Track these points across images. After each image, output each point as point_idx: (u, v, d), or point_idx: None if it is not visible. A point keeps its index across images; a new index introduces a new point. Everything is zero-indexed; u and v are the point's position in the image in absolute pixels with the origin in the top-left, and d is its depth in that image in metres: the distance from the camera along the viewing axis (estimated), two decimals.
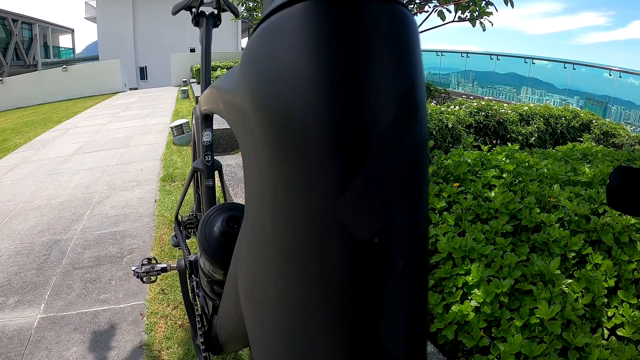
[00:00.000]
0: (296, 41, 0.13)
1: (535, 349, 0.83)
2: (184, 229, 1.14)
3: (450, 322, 0.94)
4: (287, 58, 0.13)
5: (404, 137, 0.13)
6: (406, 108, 0.13)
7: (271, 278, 0.15)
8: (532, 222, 1.16)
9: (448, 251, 1.07)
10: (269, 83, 0.14)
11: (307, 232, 0.13)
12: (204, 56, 0.81)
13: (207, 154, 0.76)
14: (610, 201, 0.23)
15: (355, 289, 0.12)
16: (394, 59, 0.13)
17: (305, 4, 0.12)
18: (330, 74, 0.12)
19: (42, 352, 1.33)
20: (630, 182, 0.20)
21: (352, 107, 0.12)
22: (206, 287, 0.56)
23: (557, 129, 3.42)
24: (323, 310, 0.13)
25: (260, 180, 0.16)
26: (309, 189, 0.13)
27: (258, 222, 0.17)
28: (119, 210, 2.40)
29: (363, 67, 0.12)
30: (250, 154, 0.16)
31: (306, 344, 0.14)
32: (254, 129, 0.15)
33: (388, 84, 0.13)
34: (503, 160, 1.55)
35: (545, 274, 0.99)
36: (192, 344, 1.25)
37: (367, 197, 0.12)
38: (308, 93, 0.12)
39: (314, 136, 0.12)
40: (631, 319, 1.00)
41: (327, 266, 0.13)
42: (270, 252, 0.15)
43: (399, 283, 0.13)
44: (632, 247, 1.19)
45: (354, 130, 0.12)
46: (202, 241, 0.46)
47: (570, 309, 0.95)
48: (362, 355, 0.13)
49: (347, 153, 0.12)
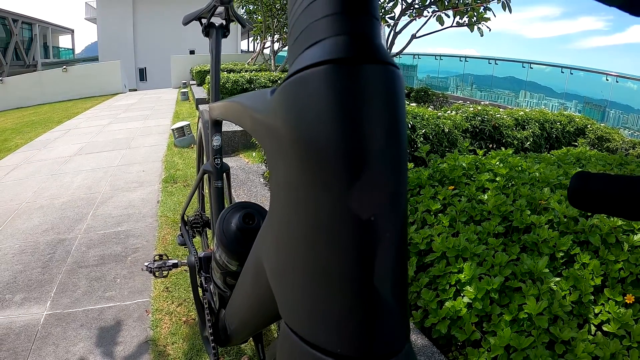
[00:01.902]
0: (318, 92, 0.19)
1: (523, 342, 0.88)
2: (189, 228, 1.19)
3: (443, 318, 0.99)
4: (313, 103, 0.19)
5: (390, 156, 0.19)
6: (392, 137, 0.19)
7: (299, 251, 0.22)
8: (523, 223, 1.22)
9: (442, 250, 1.12)
10: (300, 119, 0.20)
11: (327, 216, 0.19)
12: (214, 66, 0.86)
13: (216, 157, 0.81)
14: (570, 201, 0.29)
15: (359, 250, 0.19)
16: (386, 106, 0.19)
17: (325, 67, 0.19)
18: (342, 116, 0.18)
19: (49, 348, 1.36)
20: (586, 185, 0.25)
21: (357, 138, 0.19)
22: (219, 280, 0.61)
23: (553, 134, 3.49)
24: (338, 267, 0.19)
25: (288, 182, 0.22)
26: (327, 188, 0.19)
27: (285, 214, 0.23)
28: (122, 211, 2.45)
29: (364, 111, 0.19)
30: (279, 162, 0.22)
31: (325, 293, 0.20)
32: (287, 148, 0.21)
33: (381, 123, 0.19)
34: (497, 164, 1.61)
35: (534, 272, 1.05)
36: (196, 340, 1.30)
37: (366, 193, 0.19)
38: (327, 129, 0.19)
39: (330, 156, 0.19)
40: (617, 315, 1.05)
41: (341, 237, 0.19)
42: (298, 234, 0.21)
43: (387, 246, 0.19)
44: (619, 248, 1.24)
45: (357, 153, 0.19)
46: (220, 236, 0.51)
47: (557, 305, 1.00)
48: (364, 296, 0.19)
49: (353, 167, 0.19)
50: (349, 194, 0.19)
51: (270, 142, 0.24)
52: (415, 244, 1.21)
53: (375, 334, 0.19)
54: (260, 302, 0.33)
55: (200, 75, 8.57)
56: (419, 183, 1.55)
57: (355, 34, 0.19)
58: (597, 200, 0.25)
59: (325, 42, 0.19)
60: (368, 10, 0.19)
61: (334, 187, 0.19)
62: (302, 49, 0.20)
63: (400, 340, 0.20)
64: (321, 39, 0.19)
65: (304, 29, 0.20)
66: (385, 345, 0.20)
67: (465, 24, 6.02)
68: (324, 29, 0.19)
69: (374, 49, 0.19)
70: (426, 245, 1.20)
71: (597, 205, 0.25)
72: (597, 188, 0.25)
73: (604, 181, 0.26)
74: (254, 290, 0.34)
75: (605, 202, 0.25)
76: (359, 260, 0.19)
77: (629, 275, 1.14)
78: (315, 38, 0.19)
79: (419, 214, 1.37)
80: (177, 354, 1.24)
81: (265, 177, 2.25)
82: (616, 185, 0.25)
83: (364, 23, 0.19)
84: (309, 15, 0.20)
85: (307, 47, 0.20)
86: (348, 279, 0.19)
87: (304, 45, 0.20)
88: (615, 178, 0.25)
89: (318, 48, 0.19)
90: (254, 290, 0.34)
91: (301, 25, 0.20)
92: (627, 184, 0.25)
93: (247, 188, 2.14)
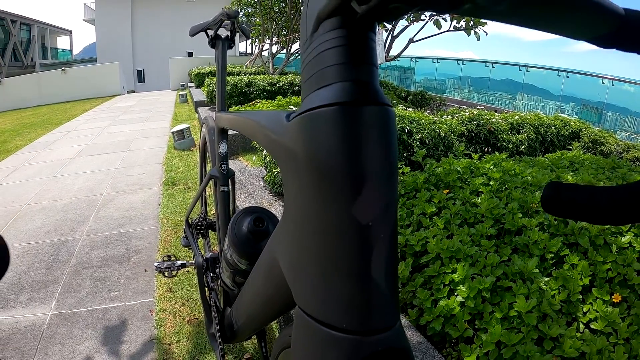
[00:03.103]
0: (330, 127, 0.24)
1: (513, 338, 0.93)
2: (194, 231, 1.24)
3: (438, 316, 1.04)
4: (325, 135, 0.25)
5: (383, 176, 0.25)
6: (386, 161, 0.25)
7: (312, 249, 0.27)
8: (515, 225, 1.27)
9: (437, 252, 1.17)
10: (315, 146, 0.25)
11: (335, 221, 0.25)
12: (220, 75, 0.91)
13: (222, 163, 0.86)
14: (543, 207, 0.34)
15: (360, 248, 0.24)
16: (381, 138, 0.24)
17: (334, 108, 0.24)
18: (347, 146, 0.24)
19: (55, 347, 1.39)
20: (557, 194, 0.30)
21: (359, 163, 0.24)
22: (227, 279, 0.66)
23: (547, 137, 3.54)
24: (344, 262, 0.25)
25: (303, 193, 0.27)
26: (336, 200, 0.25)
27: (300, 219, 0.28)
28: (123, 213, 2.48)
29: (364, 142, 0.24)
30: (294, 177, 0.28)
31: (333, 281, 0.25)
32: (302, 167, 0.26)
33: (377, 151, 0.24)
34: (491, 168, 1.66)
35: (524, 273, 1.09)
36: (199, 338, 1.34)
37: (365, 204, 0.24)
38: (336, 155, 0.24)
39: (338, 176, 0.24)
40: (604, 313, 1.10)
41: (346, 238, 0.25)
42: (311, 235, 0.27)
43: (382, 245, 0.25)
44: (607, 249, 1.29)
45: (359, 174, 0.24)
46: (232, 237, 0.56)
47: (546, 304, 1.05)
48: (364, 284, 0.24)
49: (356, 184, 0.24)
50: (352, 205, 0.24)
51: (286, 160, 0.29)
52: (411, 246, 1.26)
53: (373, 312, 0.25)
54: (271, 295, 0.38)
55: (198, 78, 8.60)
56: (415, 187, 1.60)
57: (358, 81, 0.24)
58: (566, 207, 0.30)
59: (335, 86, 0.24)
60: (369, 60, 0.24)
61: (341, 199, 0.24)
62: (315, 88, 0.25)
63: (393, 318, 0.26)
64: (331, 83, 0.24)
65: (316, 72, 0.25)
66: (381, 321, 0.25)
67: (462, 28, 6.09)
68: (333, 75, 0.24)
69: (372, 93, 0.24)
70: (421, 247, 1.24)
71: (566, 211, 0.30)
72: (566, 196, 0.30)
73: (572, 190, 0.31)
74: (265, 284, 0.39)
75: (573, 208, 0.30)
76: (360, 256, 0.24)
77: (617, 276, 1.19)
78: (326, 81, 0.25)
79: (414, 216, 1.42)
80: (181, 352, 1.28)
81: (265, 180, 2.30)
82: (582, 195, 0.30)
83: (365, 71, 0.24)
84: (320, 62, 0.25)
85: (319, 88, 0.25)
86: (352, 271, 0.25)
87: (316, 85, 0.25)
88: (582, 188, 0.30)
89: (329, 91, 0.24)
90: (265, 284, 0.39)
91: (313, 69, 0.25)
92: (591, 194, 0.29)
93: (247, 191, 2.18)
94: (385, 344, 0.25)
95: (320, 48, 0.24)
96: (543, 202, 0.31)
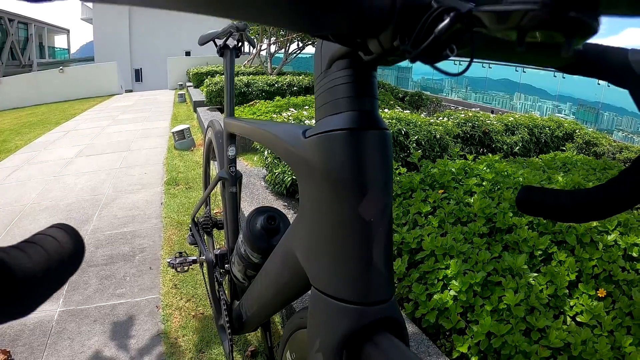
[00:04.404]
0: (341, 146, 0.31)
1: (502, 329, 0.99)
2: (200, 229, 1.29)
3: (432, 309, 1.10)
4: (337, 152, 0.31)
5: (381, 184, 0.31)
6: (383, 172, 0.31)
7: (325, 240, 0.34)
8: (505, 224, 1.33)
9: (431, 249, 1.24)
10: (329, 161, 0.32)
11: (345, 218, 0.31)
12: (229, 83, 0.97)
13: (231, 166, 0.92)
14: (517, 207, 0.40)
15: (364, 239, 0.31)
16: (380, 155, 0.31)
17: (344, 132, 0.31)
18: (354, 161, 0.30)
19: (64, 342, 1.44)
20: (529, 196, 0.36)
21: (363, 174, 0.30)
22: (239, 273, 0.72)
23: (542, 139, 3.62)
24: (351, 249, 0.31)
25: (317, 196, 0.34)
26: (345, 202, 0.31)
27: (315, 216, 0.35)
28: (126, 212, 2.53)
29: (367, 159, 0.30)
30: (310, 183, 0.34)
31: (342, 264, 0.32)
32: (318, 176, 0.33)
33: (377, 165, 0.30)
34: (484, 169, 1.73)
35: (513, 268, 1.16)
36: (205, 332, 1.40)
37: (367, 205, 0.31)
38: (346, 168, 0.31)
39: (347, 184, 0.31)
40: (589, 307, 1.16)
41: (353, 231, 0.31)
42: (325, 229, 0.33)
43: (380, 237, 0.31)
44: (594, 247, 1.35)
45: (363, 183, 0.31)
46: (247, 233, 0.62)
47: (534, 297, 1.12)
48: (367, 266, 0.31)
49: (361, 190, 0.31)
50: (358, 205, 0.31)
51: (303, 170, 0.35)
52: (407, 243, 1.32)
53: (374, 288, 0.32)
54: (287, 281, 0.45)
55: (197, 78, 8.64)
56: (411, 187, 1.66)
57: (362, 111, 0.31)
58: (536, 208, 0.36)
59: (345, 114, 0.31)
60: (371, 93, 0.31)
61: (349, 201, 0.31)
62: (329, 114, 0.32)
63: (389, 293, 0.33)
64: (342, 111, 0.31)
65: (330, 101, 0.32)
66: (380, 295, 0.32)
67: None
68: (344, 105, 0.31)
69: (373, 120, 0.31)
70: (417, 244, 1.31)
71: (536, 211, 0.36)
72: (536, 198, 0.36)
73: (541, 193, 0.37)
74: (282, 272, 0.45)
75: (542, 209, 0.36)
76: (364, 245, 0.31)
77: (602, 272, 1.25)
78: (338, 109, 0.31)
79: (410, 215, 1.48)
80: (188, 345, 1.34)
81: (266, 180, 2.35)
82: (549, 197, 0.36)
83: (367, 103, 0.31)
84: (333, 93, 0.31)
85: (332, 114, 0.32)
86: (357, 256, 0.31)
87: (330, 111, 0.32)
88: (549, 191, 0.37)
89: (340, 117, 0.31)
90: (282, 272, 0.45)
91: (327, 98, 0.32)
92: (556, 196, 0.36)
93: (249, 191, 2.24)
94: (383, 313, 0.32)
95: (333, 82, 0.31)
96: (517, 203, 0.37)
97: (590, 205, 0.33)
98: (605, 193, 0.32)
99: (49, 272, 0.20)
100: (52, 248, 0.21)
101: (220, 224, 1.27)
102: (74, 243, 0.24)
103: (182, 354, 1.31)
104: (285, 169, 2.03)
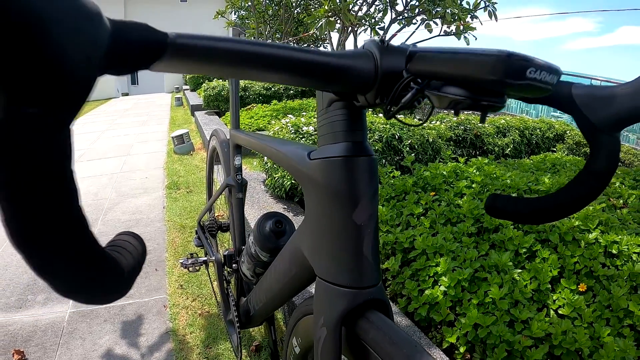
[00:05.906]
0: (339, 169, 0.40)
1: (487, 321, 1.08)
2: (206, 232, 1.38)
3: (424, 303, 1.19)
4: (337, 173, 0.40)
5: (369, 196, 0.40)
6: (371, 188, 0.40)
7: (327, 238, 0.43)
8: (492, 224, 1.43)
9: (423, 248, 1.33)
10: (330, 180, 0.41)
11: (342, 222, 0.40)
12: (234, 94, 1.05)
13: (237, 174, 1.00)
14: (486, 212, 0.48)
15: (357, 237, 0.40)
16: (369, 176, 0.40)
17: (342, 159, 0.40)
18: (350, 182, 0.40)
19: (76, 341, 1.51)
20: (494, 202, 0.45)
21: (356, 189, 0.40)
22: (248, 271, 0.80)
23: (533, 140, 3.73)
24: (347, 245, 0.41)
25: (320, 205, 0.43)
26: (343, 210, 0.40)
27: (319, 220, 0.43)
28: (130, 216, 2.60)
29: (359, 179, 0.40)
30: (315, 195, 0.43)
31: (340, 256, 0.41)
32: (321, 190, 0.42)
33: (367, 183, 0.40)
34: (474, 172, 1.82)
35: (499, 265, 1.25)
36: (212, 329, 1.47)
37: (360, 213, 0.40)
38: (343, 186, 0.40)
39: (345, 197, 0.40)
40: (571, 301, 1.25)
41: (347, 232, 0.40)
42: (327, 230, 0.42)
43: (369, 236, 0.40)
44: (575, 245, 1.44)
45: (357, 196, 0.40)
46: (257, 235, 0.71)
47: (518, 292, 1.21)
48: (359, 257, 0.40)
49: (355, 201, 0.40)
50: (352, 213, 0.40)
51: (309, 184, 0.45)
52: (400, 243, 1.41)
53: (365, 275, 0.41)
54: (294, 274, 0.54)
55: (193, 81, 8.71)
56: (404, 189, 1.75)
57: (355, 142, 0.40)
58: (500, 212, 0.45)
59: (342, 144, 0.40)
60: (361, 127, 0.40)
61: (346, 209, 0.40)
62: (330, 142, 0.41)
63: (377, 279, 0.42)
64: (339, 142, 0.40)
65: (330, 132, 0.41)
66: (370, 280, 0.41)
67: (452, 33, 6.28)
68: (341, 137, 0.40)
69: (363, 149, 0.40)
70: (409, 244, 1.40)
71: (500, 215, 0.45)
72: (500, 205, 0.45)
73: (504, 200, 0.45)
74: (290, 267, 0.54)
75: (504, 213, 0.44)
76: (357, 243, 0.40)
77: (583, 268, 1.34)
78: (336, 140, 0.41)
79: (403, 217, 1.58)
80: (196, 342, 1.42)
81: (266, 184, 2.44)
82: (510, 204, 0.45)
83: (359, 135, 0.40)
84: (333, 127, 0.41)
85: (333, 143, 0.41)
86: (352, 251, 0.41)
87: (330, 141, 0.41)
88: (511, 198, 0.45)
89: (338, 147, 0.40)
90: (290, 267, 0.54)
91: (328, 130, 0.41)
92: (515, 203, 0.44)
93: (249, 194, 2.32)
94: (372, 295, 0.41)
95: (332, 118, 0.40)
96: (485, 208, 0.46)
97: (541, 211, 0.42)
98: (553, 201, 0.40)
99: (137, 266, 0.29)
100: (133, 250, 0.30)
101: (224, 227, 1.35)
102: (141, 245, 0.33)
103: (190, 349, 1.39)
104: (284, 173, 2.11)
